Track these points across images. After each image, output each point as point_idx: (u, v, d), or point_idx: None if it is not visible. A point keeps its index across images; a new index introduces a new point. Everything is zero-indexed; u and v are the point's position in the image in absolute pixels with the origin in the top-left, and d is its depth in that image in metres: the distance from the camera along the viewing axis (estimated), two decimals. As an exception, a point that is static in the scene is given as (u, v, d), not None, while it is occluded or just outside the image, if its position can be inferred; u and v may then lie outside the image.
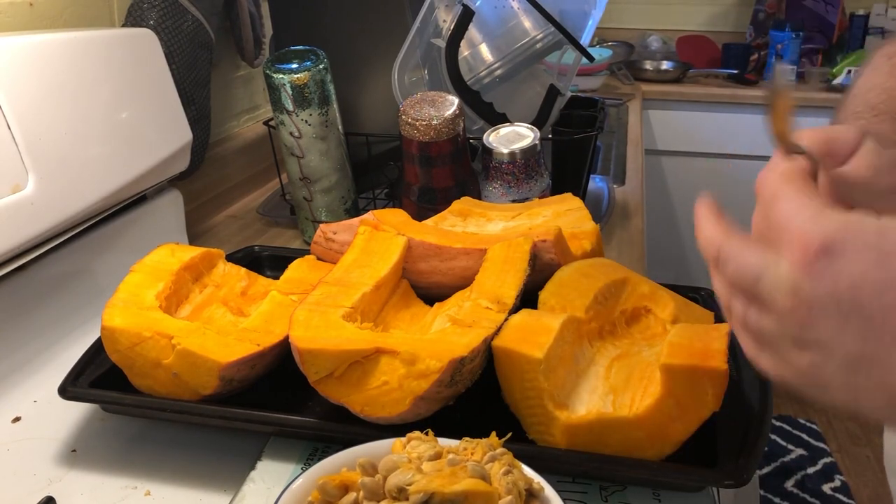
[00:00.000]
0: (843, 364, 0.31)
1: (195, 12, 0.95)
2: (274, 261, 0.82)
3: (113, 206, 0.80)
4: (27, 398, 0.65)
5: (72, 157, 0.72)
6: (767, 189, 0.35)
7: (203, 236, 1.04)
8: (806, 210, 0.31)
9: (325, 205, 0.96)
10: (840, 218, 0.30)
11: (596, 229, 0.73)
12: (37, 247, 0.69)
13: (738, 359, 0.60)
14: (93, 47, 0.77)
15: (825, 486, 1.97)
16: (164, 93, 0.87)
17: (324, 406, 0.56)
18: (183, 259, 0.67)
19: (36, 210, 0.67)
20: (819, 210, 0.31)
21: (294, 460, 0.55)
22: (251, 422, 0.56)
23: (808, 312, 0.31)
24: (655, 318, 0.61)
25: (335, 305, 0.58)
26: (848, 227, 0.30)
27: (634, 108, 2.03)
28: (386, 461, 0.42)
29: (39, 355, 0.70)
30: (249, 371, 0.58)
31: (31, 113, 0.68)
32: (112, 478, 0.56)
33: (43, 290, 0.73)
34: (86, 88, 0.75)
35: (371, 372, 0.53)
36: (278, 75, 0.88)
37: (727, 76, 2.36)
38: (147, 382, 0.58)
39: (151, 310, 0.60)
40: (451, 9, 0.96)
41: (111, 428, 0.61)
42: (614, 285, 0.63)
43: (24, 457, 0.58)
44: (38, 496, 0.53)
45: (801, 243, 0.30)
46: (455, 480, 0.39)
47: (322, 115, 0.91)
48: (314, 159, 0.92)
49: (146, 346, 0.57)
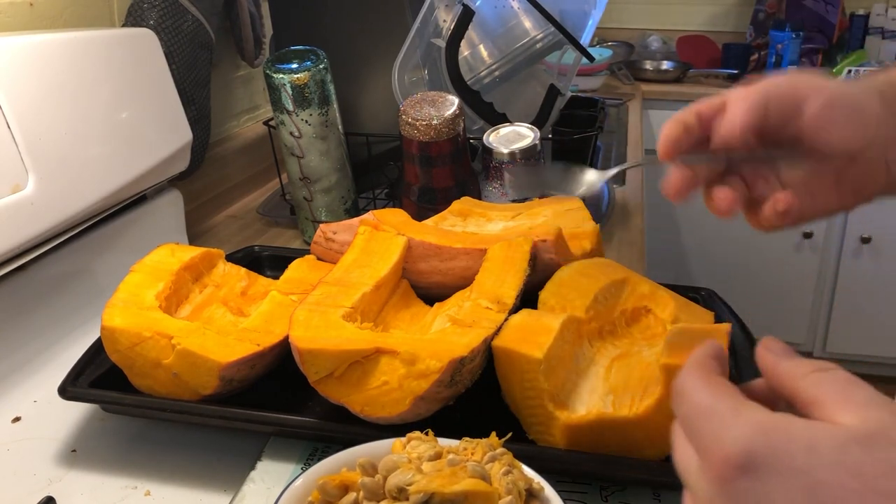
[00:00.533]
0: None
1: (195, 12, 0.95)
2: (274, 261, 0.82)
3: (113, 206, 0.80)
4: (27, 398, 0.65)
5: (72, 157, 0.72)
6: (677, 382, 0.31)
7: (203, 236, 1.04)
8: (719, 407, 0.28)
9: (325, 205, 0.96)
10: (760, 421, 0.27)
11: (596, 229, 0.73)
12: (37, 247, 0.69)
13: (738, 359, 0.60)
14: (93, 47, 0.77)
15: (825, 486, 1.97)
16: (164, 93, 0.87)
17: (324, 406, 0.56)
18: (183, 259, 0.67)
19: (36, 210, 0.67)
20: (734, 408, 0.28)
21: (294, 460, 0.55)
22: (251, 422, 0.56)
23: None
24: (655, 318, 0.61)
25: (335, 305, 0.58)
26: (770, 436, 0.26)
27: (634, 108, 2.03)
28: (386, 461, 0.42)
29: (39, 355, 0.70)
30: (249, 371, 0.58)
31: (32, 113, 0.68)
32: (112, 478, 0.56)
33: (43, 290, 0.73)
34: (86, 88, 0.75)
35: (371, 372, 0.53)
36: (278, 75, 0.88)
37: (727, 76, 2.36)
38: (147, 382, 0.58)
39: (151, 310, 0.60)
40: (451, 9, 0.96)
41: (111, 428, 0.61)
42: (614, 285, 0.63)
43: (24, 457, 0.58)
44: (38, 496, 0.53)
45: (717, 458, 0.27)
46: (455, 480, 0.39)
47: (322, 115, 0.91)
48: (314, 159, 0.92)
49: (146, 346, 0.57)
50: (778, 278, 2.34)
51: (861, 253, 2.25)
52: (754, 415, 0.27)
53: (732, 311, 0.67)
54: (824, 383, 0.28)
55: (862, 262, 2.25)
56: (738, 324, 0.64)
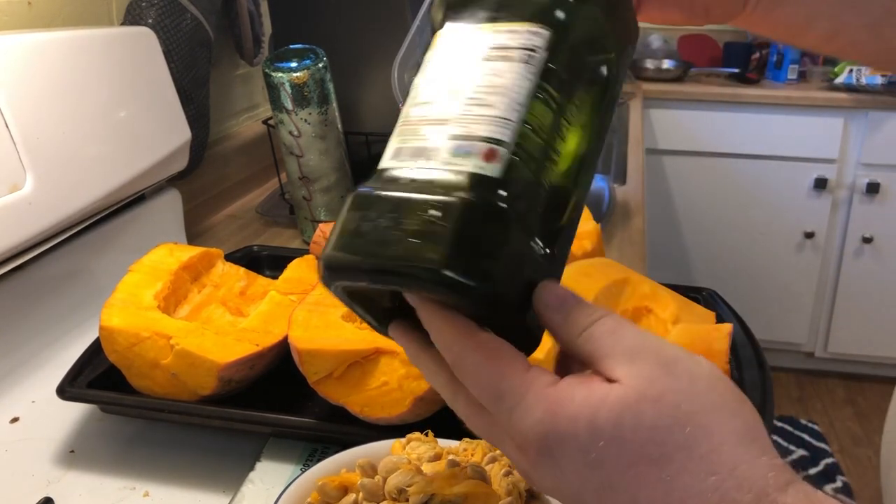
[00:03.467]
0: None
1: (194, 11, 0.95)
2: (273, 260, 0.82)
3: (111, 206, 0.79)
4: (25, 398, 0.65)
5: (70, 156, 0.71)
6: (453, 357, 0.30)
7: (202, 236, 1.04)
8: (507, 386, 0.29)
9: (325, 204, 0.95)
10: (547, 401, 0.28)
11: (596, 229, 0.73)
12: (35, 246, 0.69)
13: (740, 359, 0.59)
14: (91, 46, 0.76)
15: (827, 486, 1.97)
16: (162, 92, 0.86)
17: (323, 407, 0.56)
18: (181, 259, 0.67)
19: (34, 209, 0.66)
20: (521, 387, 0.28)
21: (293, 461, 0.55)
22: (250, 422, 0.56)
23: (539, 487, 0.30)
24: (656, 319, 0.61)
25: (334, 305, 0.58)
26: (557, 418, 0.28)
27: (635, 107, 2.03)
28: (385, 462, 0.41)
29: (38, 355, 0.70)
30: (248, 371, 0.58)
31: (30, 112, 0.68)
32: (110, 478, 0.55)
33: (41, 290, 0.72)
34: (84, 87, 0.74)
35: (370, 372, 0.52)
36: (277, 74, 0.88)
37: (728, 75, 2.36)
38: (145, 383, 0.58)
39: (150, 310, 0.60)
40: (451, 7, 0.96)
41: (110, 428, 0.61)
42: (615, 285, 0.62)
43: (23, 457, 0.58)
44: (37, 497, 0.53)
45: (519, 443, 0.29)
46: (455, 482, 0.39)
47: (321, 114, 0.90)
48: (313, 158, 0.92)
49: (144, 347, 0.57)
50: (779, 278, 2.34)
51: (862, 253, 2.24)
52: (540, 393, 0.28)
53: (734, 312, 0.67)
54: (594, 336, 0.30)
55: (863, 262, 2.25)
56: (740, 324, 0.64)
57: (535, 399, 0.28)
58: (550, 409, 0.28)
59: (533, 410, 0.28)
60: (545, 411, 0.28)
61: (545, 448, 0.28)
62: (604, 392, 0.28)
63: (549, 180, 0.31)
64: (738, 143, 2.24)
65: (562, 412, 0.28)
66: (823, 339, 2.39)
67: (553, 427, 0.28)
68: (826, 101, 2.13)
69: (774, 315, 2.37)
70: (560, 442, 0.28)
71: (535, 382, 0.29)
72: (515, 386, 0.29)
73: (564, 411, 0.28)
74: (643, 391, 0.27)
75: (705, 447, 0.27)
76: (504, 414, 0.29)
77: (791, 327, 2.39)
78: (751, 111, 2.19)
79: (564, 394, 0.28)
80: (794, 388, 2.42)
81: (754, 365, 0.59)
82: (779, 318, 2.37)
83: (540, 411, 0.28)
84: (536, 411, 0.28)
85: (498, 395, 0.29)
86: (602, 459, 0.27)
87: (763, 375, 0.57)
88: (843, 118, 2.14)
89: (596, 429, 0.27)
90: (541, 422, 0.28)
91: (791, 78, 2.28)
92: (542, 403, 0.28)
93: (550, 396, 0.28)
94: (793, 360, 2.47)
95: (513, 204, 0.29)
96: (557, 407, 0.28)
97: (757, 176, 2.26)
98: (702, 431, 0.27)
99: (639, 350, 0.29)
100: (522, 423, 0.28)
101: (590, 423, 0.27)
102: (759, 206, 2.27)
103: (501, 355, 0.29)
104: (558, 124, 0.32)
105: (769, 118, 2.19)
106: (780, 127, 2.19)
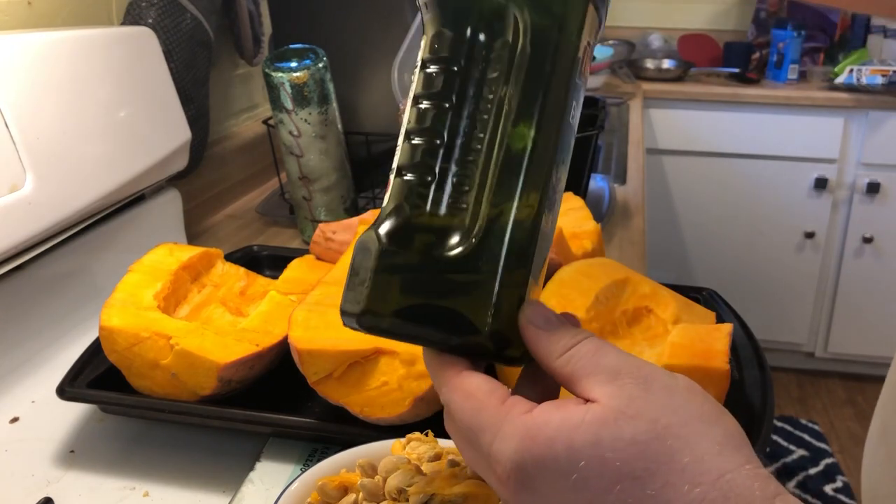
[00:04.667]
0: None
1: (194, 10, 0.95)
2: (273, 260, 0.82)
3: (111, 206, 0.79)
4: (25, 398, 0.65)
5: (70, 156, 0.71)
6: (445, 402, 0.31)
7: (202, 236, 1.04)
8: (483, 420, 0.29)
9: (325, 204, 0.95)
10: (523, 428, 0.28)
11: (597, 229, 0.73)
12: (35, 246, 0.69)
13: (740, 359, 0.59)
14: (91, 46, 0.76)
15: (827, 486, 1.97)
16: (162, 91, 0.86)
17: (323, 407, 0.56)
18: (181, 259, 0.67)
19: (34, 209, 0.66)
20: (497, 418, 0.28)
21: (293, 461, 0.55)
22: (250, 422, 0.56)
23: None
24: (657, 319, 0.61)
25: (334, 305, 0.57)
26: (535, 444, 0.27)
27: (635, 107, 2.03)
28: (386, 462, 0.41)
29: (37, 355, 0.70)
30: (248, 371, 0.58)
31: (29, 112, 0.68)
32: (110, 478, 0.55)
33: (41, 290, 0.72)
34: (84, 87, 0.74)
35: (370, 372, 0.52)
36: (277, 74, 0.88)
37: (729, 75, 2.36)
38: (145, 383, 0.58)
39: (150, 310, 0.60)
40: (451, 7, 0.96)
41: (109, 428, 0.61)
42: (615, 285, 0.62)
43: (23, 457, 0.58)
44: (37, 497, 0.53)
45: (498, 475, 0.28)
46: (455, 482, 0.39)
47: (321, 114, 0.90)
48: (313, 158, 0.92)
49: (144, 347, 0.57)
50: (779, 278, 2.34)
51: (863, 253, 2.24)
52: (516, 422, 0.28)
53: (734, 312, 0.67)
54: (574, 358, 0.29)
55: (864, 261, 2.25)
56: (740, 324, 0.64)
57: (512, 428, 0.28)
58: (527, 435, 0.28)
59: (510, 440, 0.28)
60: (522, 438, 0.28)
61: (524, 476, 0.28)
62: (581, 413, 0.27)
63: None
64: (738, 143, 2.24)
65: (538, 436, 0.27)
66: (823, 339, 2.39)
67: (530, 452, 0.27)
68: (826, 101, 2.13)
69: (774, 315, 2.37)
70: (539, 467, 0.27)
71: (511, 412, 0.29)
72: (492, 417, 0.29)
73: (541, 435, 0.27)
74: (621, 409, 0.27)
75: (687, 458, 0.26)
76: (485, 448, 0.29)
77: (791, 327, 2.38)
78: (751, 111, 2.19)
79: (540, 419, 0.28)
80: (794, 388, 2.42)
81: (754, 365, 0.59)
82: (779, 318, 2.37)
83: (517, 439, 0.28)
84: (513, 440, 0.28)
85: (478, 429, 0.29)
86: (585, 480, 0.27)
87: (763, 375, 0.57)
88: (843, 118, 2.14)
89: (574, 450, 0.27)
90: (518, 450, 0.28)
91: (791, 78, 2.27)
92: (518, 431, 0.28)
93: (527, 423, 0.28)
94: (793, 360, 2.47)
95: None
96: (534, 432, 0.28)
97: (757, 176, 2.25)
98: (682, 443, 0.27)
99: (618, 370, 0.28)
100: (501, 453, 0.28)
101: (568, 445, 0.27)
102: (759, 206, 2.27)
103: (477, 392, 0.30)
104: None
105: (769, 118, 2.18)
106: (781, 127, 2.19)
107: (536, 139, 0.30)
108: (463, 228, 0.30)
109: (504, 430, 0.28)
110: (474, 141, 0.30)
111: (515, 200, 0.30)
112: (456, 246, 0.30)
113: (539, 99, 0.30)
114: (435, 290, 0.30)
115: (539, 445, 0.27)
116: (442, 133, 0.30)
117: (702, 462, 0.26)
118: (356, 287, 0.31)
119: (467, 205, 0.30)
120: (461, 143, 0.30)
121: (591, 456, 0.27)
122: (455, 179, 0.30)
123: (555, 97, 0.30)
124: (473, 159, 0.30)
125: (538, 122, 0.30)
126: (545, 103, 0.30)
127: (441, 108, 0.30)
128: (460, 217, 0.30)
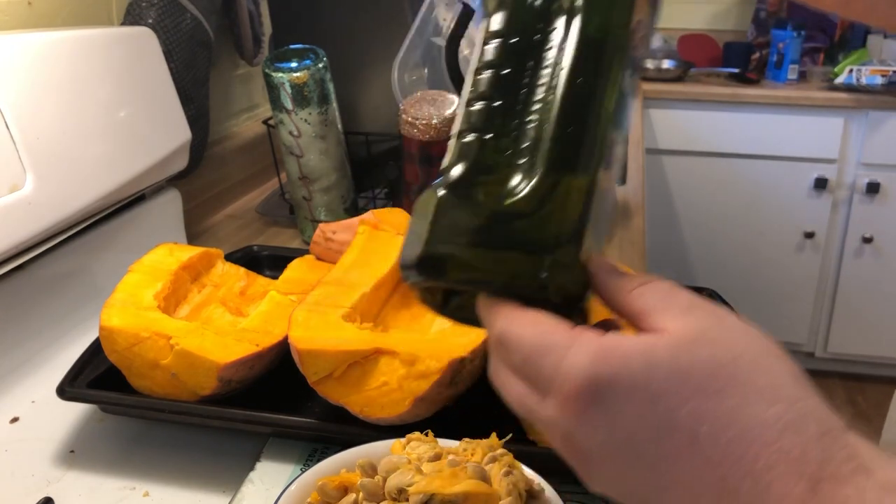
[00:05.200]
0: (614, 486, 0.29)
1: (194, 10, 0.95)
2: (273, 260, 0.82)
3: (111, 206, 0.79)
4: (25, 398, 0.65)
5: (70, 156, 0.71)
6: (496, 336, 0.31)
7: (202, 236, 1.04)
8: (552, 341, 0.28)
9: (325, 204, 0.95)
10: (596, 346, 0.27)
11: (597, 229, 0.73)
12: (35, 246, 0.69)
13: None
14: (91, 46, 0.76)
15: (826, 485, 1.97)
16: (162, 91, 0.86)
17: (323, 407, 0.56)
18: (181, 259, 0.67)
19: (34, 209, 0.66)
20: (568, 339, 0.28)
21: (293, 461, 0.55)
22: (250, 422, 0.56)
23: (585, 456, 0.29)
24: (657, 318, 0.61)
25: (334, 306, 0.58)
26: (609, 359, 0.27)
27: (635, 108, 2.03)
28: (385, 462, 0.41)
29: (37, 355, 0.70)
30: (248, 372, 0.58)
31: (30, 112, 0.68)
32: (110, 478, 0.55)
33: (41, 290, 0.72)
34: (84, 87, 0.74)
35: (370, 372, 0.52)
36: (277, 74, 0.88)
37: (728, 75, 2.36)
38: (145, 383, 0.58)
39: (150, 310, 0.60)
40: (451, 7, 0.96)
41: (109, 428, 0.61)
42: (615, 285, 0.62)
43: (23, 457, 0.58)
44: (37, 497, 0.53)
45: (565, 392, 0.27)
46: (455, 481, 0.39)
47: (321, 114, 0.90)
48: (313, 158, 0.92)
49: (144, 347, 0.57)
50: (779, 278, 2.34)
51: (863, 253, 2.24)
52: (589, 341, 0.28)
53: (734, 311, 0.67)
54: (646, 294, 0.30)
55: (864, 262, 2.25)
56: (740, 324, 0.63)
57: (586, 346, 0.28)
58: (602, 351, 0.27)
59: (583, 355, 0.27)
60: (596, 353, 0.27)
61: (595, 391, 0.27)
62: (656, 337, 0.27)
63: None
64: (738, 143, 2.24)
65: (614, 352, 0.27)
66: (823, 339, 2.39)
67: (607, 365, 0.27)
68: (826, 101, 2.13)
69: (774, 315, 2.36)
70: (613, 381, 0.27)
71: (582, 335, 0.28)
72: (562, 338, 0.28)
73: (617, 351, 0.27)
74: (698, 335, 0.27)
75: (764, 380, 0.27)
76: (549, 369, 0.28)
77: (791, 327, 2.38)
78: (751, 111, 2.19)
79: (615, 340, 0.28)
80: (794, 387, 2.42)
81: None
82: (779, 318, 2.37)
83: (591, 355, 0.27)
84: (587, 355, 0.27)
85: (545, 350, 0.28)
86: (659, 394, 0.26)
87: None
88: (843, 118, 2.14)
89: (651, 365, 0.27)
90: (592, 362, 0.27)
91: (791, 78, 2.27)
92: (592, 347, 0.27)
93: (602, 341, 0.28)
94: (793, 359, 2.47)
95: None
96: (609, 349, 0.27)
97: (757, 176, 2.25)
98: (758, 367, 0.27)
99: (692, 306, 0.29)
100: (572, 368, 0.27)
101: (645, 361, 0.27)
102: (759, 206, 2.27)
103: (544, 319, 0.30)
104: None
105: (769, 118, 2.18)
106: (780, 127, 2.19)
107: (590, 98, 0.32)
108: (521, 178, 0.31)
109: (576, 348, 0.28)
110: (533, 103, 0.32)
111: (573, 153, 0.31)
112: (516, 193, 0.31)
113: (593, 62, 0.32)
114: (495, 236, 0.31)
115: (615, 359, 0.27)
116: (502, 96, 0.32)
117: (778, 386, 0.27)
118: (414, 241, 0.33)
119: (526, 158, 0.31)
120: (522, 101, 0.32)
121: (670, 371, 0.26)
122: (515, 134, 0.32)
123: (608, 59, 0.32)
124: (534, 117, 0.32)
125: (592, 84, 0.32)
126: (599, 65, 0.32)
127: (500, 76, 0.33)
128: (520, 168, 0.31)
